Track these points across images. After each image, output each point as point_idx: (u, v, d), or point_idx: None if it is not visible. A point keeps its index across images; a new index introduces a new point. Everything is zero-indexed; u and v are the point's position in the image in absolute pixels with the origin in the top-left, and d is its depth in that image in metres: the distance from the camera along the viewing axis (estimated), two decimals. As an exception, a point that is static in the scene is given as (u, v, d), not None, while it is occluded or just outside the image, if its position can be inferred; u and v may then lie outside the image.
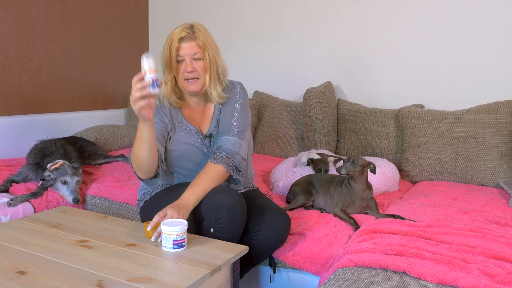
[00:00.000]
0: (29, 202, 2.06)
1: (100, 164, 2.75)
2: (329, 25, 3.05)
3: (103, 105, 3.53)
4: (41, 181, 2.21)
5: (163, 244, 1.39)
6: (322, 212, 1.93)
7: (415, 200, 2.04)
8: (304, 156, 2.51)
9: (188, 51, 1.63)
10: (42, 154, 2.37)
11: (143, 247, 1.43)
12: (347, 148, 2.85)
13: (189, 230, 1.51)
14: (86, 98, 3.39)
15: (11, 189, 2.20)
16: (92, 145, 2.82)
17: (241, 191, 1.80)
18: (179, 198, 1.52)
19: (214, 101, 1.74)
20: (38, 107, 3.04)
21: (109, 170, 2.61)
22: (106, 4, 3.46)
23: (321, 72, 3.10)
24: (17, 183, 2.28)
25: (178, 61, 1.66)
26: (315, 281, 1.64)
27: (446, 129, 2.42)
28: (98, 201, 2.22)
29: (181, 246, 1.39)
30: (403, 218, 1.75)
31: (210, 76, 1.68)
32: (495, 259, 1.35)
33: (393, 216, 1.78)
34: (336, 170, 1.83)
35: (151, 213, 1.54)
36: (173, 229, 1.36)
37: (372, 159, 2.41)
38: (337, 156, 2.64)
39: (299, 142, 3.01)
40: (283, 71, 3.28)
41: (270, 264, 1.69)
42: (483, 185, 2.35)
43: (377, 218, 1.80)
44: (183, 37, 1.63)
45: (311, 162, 2.37)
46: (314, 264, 1.60)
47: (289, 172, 2.29)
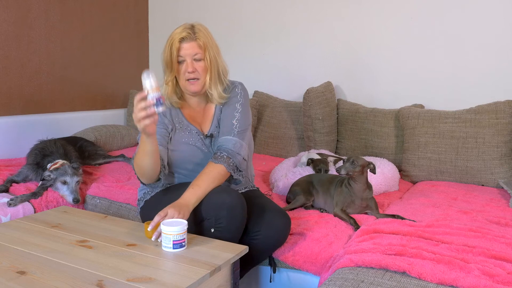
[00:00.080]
0: (29, 202, 2.06)
1: (100, 164, 2.75)
2: (329, 25, 3.05)
3: (103, 105, 3.53)
4: (41, 181, 2.21)
5: (163, 244, 1.39)
6: (322, 212, 1.93)
7: (415, 200, 2.04)
8: (304, 156, 2.51)
9: (188, 51, 1.63)
10: (42, 154, 2.37)
11: (143, 247, 1.43)
12: (347, 148, 2.85)
13: (190, 230, 1.51)
14: (86, 98, 3.39)
15: (11, 189, 2.20)
16: (92, 145, 2.82)
17: (242, 191, 1.79)
18: (179, 197, 1.52)
19: (215, 101, 1.74)
20: (38, 107, 3.04)
21: (109, 170, 2.61)
22: (106, 4, 3.46)
23: (321, 72, 3.10)
24: (17, 183, 2.28)
25: (179, 62, 1.66)
26: (315, 281, 1.64)
27: (446, 129, 2.42)
28: (98, 201, 2.22)
29: (181, 246, 1.39)
30: (403, 218, 1.75)
31: (210, 76, 1.68)
32: (495, 259, 1.35)
33: (393, 216, 1.78)
34: (335, 170, 1.83)
35: (152, 213, 1.54)
36: (173, 229, 1.36)
37: (372, 159, 2.41)
38: (337, 156, 2.63)
39: (299, 142, 3.01)
40: (283, 71, 3.28)
41: (270, 264, 1.69)
42: (483, 185, 2.35)
43: (377, 218, 1.80)
44: (184, 38, 1.63)
45: (311, 162, 2.37)
46: (314, 264, 1.60)
47: (289, 172, 2.29)
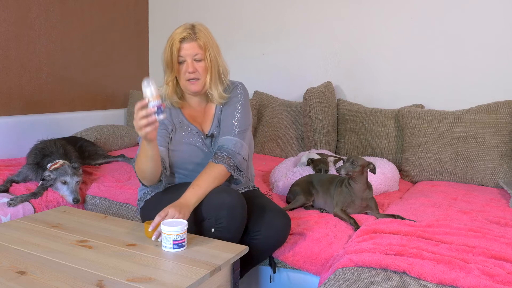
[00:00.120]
0: (29, 202, 2.06)
1: (100, 164, 2.75)
2: (329, 25, 3.05)
3: (103, 105, 3.53)
4: (41, 181, 2.21)
5: (163, 244, 1.39)
6: (322, 212, 1.93)
7: (415, 200, 2.04)
8: (304, 156, 2.50)
9: (189, 51, 1.63)
10: (42, 154, 2.37)
11: (143, 247, 1.43)
12: (347, 148, 2.85)
13: (190, 230, 1.51)
14: (86, 98, 3.39)
15: (11, 189, 2.20)
16: (92, 145, 2.82)
17: (242, 191, 1.79)
18: (180, 197, 1.52)
19: (215, 101, 1.74)
20: (38, 107, 3.04)
21: (109, 170, 2.61)
22: (106, 4, 3.46)
23: (321, 72, 3.10)
24: (17, 183, 2.28)
25: (179, 62, 1.66)
26: (315, 281, 1.64)
27: (446, 129, 2.42)
28: (98, 201, 2.22)
29: (181, 246, 1.39)
30: (403, 218, 1.75)
31: (211, 76, 1.68)
32: (495, 259, 1.35)
33: (393, 216, 1.78)
34: (335, 170, 1.83)
35: (152, 212, 1.54)
36: (173, 229, 1.36)
37: (372, 159, 2.41)
38: (337, 156, 2.63)
39: (299, 142, 3.01)
40: (283, 71, 3.28)
41: (270, 264, 1.69)
42: (483, 185, 2.35)
43: (377, 218, 1.80)
44: (184, 38, 1.63)
45: (311, 162, 2.37)
46: (314, 264, 1.60)
47: (289, 172, 2.29)
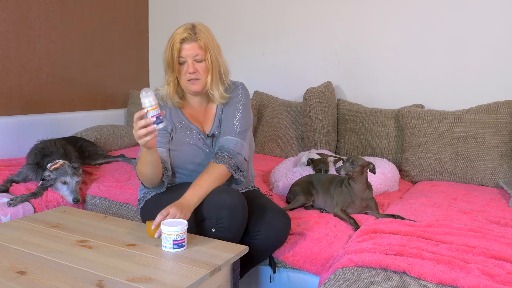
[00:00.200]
0: (29, 202, 2.06)
1: (100, 164, 2.75)
2: (329, 25, 3.05)
3: (103, 105, 3.53)
4: (41, 181, 2.21)
5: (163, 244, 1.39)
6: (322, 212, 1.93)
7: (415, 200, 2.04)
8: (304, 156, 2.50)
9: (189, 52, 1.63)
10: (42, 154, 2.37)
11: (143, 247, 1.43)
12: (347, 148, 2.85)
13: (190, 230, 1.51)
14: (86, 98, 3.39)
15: (11, 189, 2.20)
16: (92, 145, 2.82)
17: (242, 191, 1.79)
18: (180, 197, 1.52)
19: (216, 101, 1.74)
20: (38, 107, 3.04)
21: (109, 170, 2.61)
22: (106, 4, 3.46)
23: (321, 72, 3.10)
24: (17, 183, 2.28)
25: (180, 62, 1.66)
26: (315, 281, 1.64)
27: (446, 129, 2.42)
28: (98, 201, 2.22)
29: (181, 246, 1.39)
30: (403, 218, 1.75)
31: (212, 76, 1.67)
32: (495, 259, 1.35)
33: (393, 216, 1.78)
34: (335, 170, 1.83)
35: (152, 212, 1.54)
36: (173, 229, 1.36)
37: (372, 159, 2.41)
38: (337, 156, 2.63)
39: (299, 142, 3.01)
40: (283, 71, 3.28)
41: (270, 264, 1.69)
42: (483, 185, 2.35)
43: (377, 218, 1.80)
44: (185, 38, 1.62)
45: (311, 162, 2.37)
46: (314, 264, 1.60)
47: (289, 172, 2.29)
